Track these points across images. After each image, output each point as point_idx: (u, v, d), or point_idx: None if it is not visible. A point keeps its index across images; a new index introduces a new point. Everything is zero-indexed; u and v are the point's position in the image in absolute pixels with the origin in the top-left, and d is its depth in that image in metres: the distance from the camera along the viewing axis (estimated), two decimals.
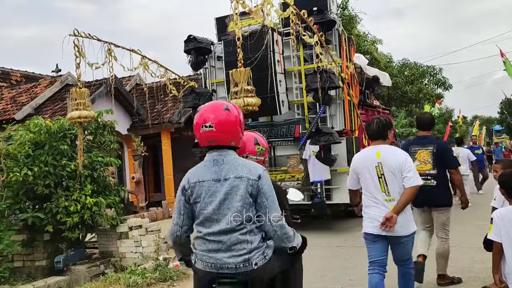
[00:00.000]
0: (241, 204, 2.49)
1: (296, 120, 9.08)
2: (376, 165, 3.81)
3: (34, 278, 6.65)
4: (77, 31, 6.49)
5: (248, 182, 2.51)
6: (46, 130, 7.11)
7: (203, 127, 2.58)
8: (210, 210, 2.52)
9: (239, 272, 2.48)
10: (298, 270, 3.19)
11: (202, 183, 2.60)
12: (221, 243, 2.50)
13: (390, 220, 3.66)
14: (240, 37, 5.69)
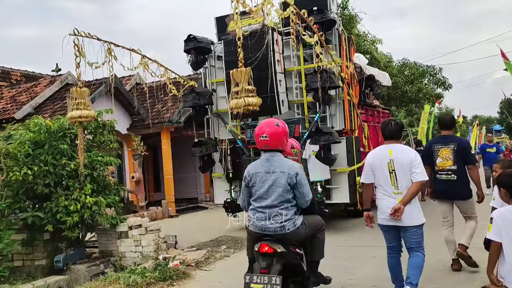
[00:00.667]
0: (282, 190, 3.76)
1: (296, 119, 9.07)
2: (388, 162, 4.28)
3: (34, 278, 6.66)
4: (77, 31, 6.48)
5: (288, 176, 3.77)
6: (46, 129, 7.11)
7: (261, 137, 3.86)
8: (261, 191, 3.82)
9: (276, 233, 3.75)
10: (320, 238, 4.37)
11: (258, 173, 3.88)
12: (266, 214, 3.77)
13: (398, 211, 4.16)
14: (241, 37, 5.69)
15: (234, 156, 9.36)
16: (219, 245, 8.21)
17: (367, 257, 6.57)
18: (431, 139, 6.10)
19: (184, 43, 9.38)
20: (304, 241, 4.05)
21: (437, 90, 25.13)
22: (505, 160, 4.95)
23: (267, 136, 3.84)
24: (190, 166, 16.73)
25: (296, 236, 3.85)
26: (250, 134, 9.45)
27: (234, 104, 5.30)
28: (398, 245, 4.50)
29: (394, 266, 4.48)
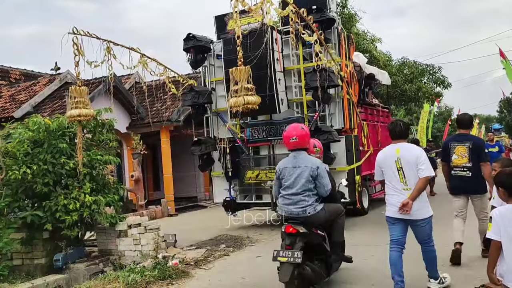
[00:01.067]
0: (305, 181, 4.61)
1: (296, 118, 9.07)
2: (395, 160, 4.55)
3: (33, 276, 6.66)
4: (76, 29, 6.48)
5: (310, 169, 4.62)
6: (45, 128, 7.11)
7: (291, 139, 4.71)
8: (289, 182, 4.67)
9: (299, 216, 4.60)
10: (340, 223, 5.07)
11: (286, 168, 4.75)
12: (291, 200, 4.65)
13: (406, 205, 4.40)
14: (240, 36, 5.69)
15: (233, 155, 9.36)
16: (219, 244, 8.21)
17: (366, 255, 6.57)
18: (448, 137, 6.38)
19: (184, 42, 9.38)
20: (325, 224, 4.86)
21: (437, 89, 25.11)
22: (504, 159, 4.94)
23: (297, 138, 4.70)
24: (189, 165, 16.73)
25: (316, 219, 4.66)
26: (249, 132, 9.45)
27: (233, 102, 5.30)
28: (402, 239, 4.63)
29: (396, 261, 4.57)
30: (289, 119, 9.12)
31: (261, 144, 9.44)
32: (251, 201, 9.68)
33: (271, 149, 9.34)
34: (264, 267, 6.39)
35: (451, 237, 5.87)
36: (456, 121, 6.07)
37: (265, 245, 7.99)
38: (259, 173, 9.22)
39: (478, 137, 7.43)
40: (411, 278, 4.85)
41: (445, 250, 5.86)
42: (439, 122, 35.20)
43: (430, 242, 4.62)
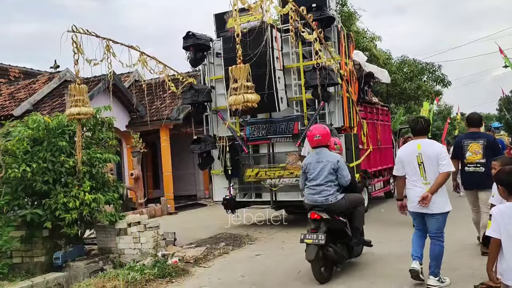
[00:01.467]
0: (327, 173, 5.30)
1: (295, 116, 9.07)
2: (417, 155, 4.76)
3: (33, 274, 6.66)
4: (75, 27, 6.47)
5: (332, 163, 5.32)
6: (44, 126, 7.10)
7: (315, 137, 5.43)
8: (313, 175, 5.38)
9: (323, 204, 5.29)
10: (360, 210, 5.72)
11: (311, 163, 5.47)
12: (316, 190, 5.36)
13: (426, 199, 4.62)
14: (240, 34, 5.68)
15: (233, 153, 9.36)
16: (218, 242, 8.22)
17: (365, 253, 6.58)
18: (460, 135, 6.58)
19: (183, 40, 9.37)
20: (346, 212, 5.50)
21: (436, 87, 25.13)
22: (504, 157, 4.95)
23: (320, 136, 5.43)
24: (189, 163, 16.74)
25: (337, 207, 5.33)
26: (249, 131, 9.45)
27: (233, 100, 5.30)
28: (425, 229, 4.92)
29: (417, 240, 4.91)
30: (288, 117, 9.12)
31: (261, 142, 9.44)
32: (251, 199, 9.68)
33: (270, 147, 9.34)
34: (264, 265, 6.41)
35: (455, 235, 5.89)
36: (467, 120, 6.26)
37: (265, 243, 8.00)
38: (258, 171, 9.22)
39: (489, 134, 7.63)
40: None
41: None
42: (438, 120, 35.16)
43: (441, 237, 4.77)
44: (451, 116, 38.77)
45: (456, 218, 8.52)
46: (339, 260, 5.39)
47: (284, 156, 9.07)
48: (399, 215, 7.36)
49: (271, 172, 9.11)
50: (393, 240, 7.25)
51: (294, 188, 9.02)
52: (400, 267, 5.40)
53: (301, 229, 9.14)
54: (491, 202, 4.27)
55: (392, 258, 6.17)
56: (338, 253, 5.29)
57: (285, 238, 8.18)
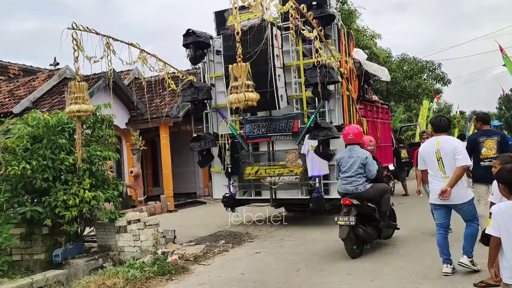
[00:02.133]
0: (357, 167, 6.29)
1: (295, 114, 9.07)
2: (436, 151, 5.14)
3: (33, 272, 6.66)
4: (75, 25, 6.45)
5: (361, 159, 6.31)
6: (44, 123, 7.09)
7: (349, 136, 6.51)
8: (345, 168, 6.39)
9: (353, 192, 6.28)
10: (386, 198, 6.66)
11: (343, 158, 6.50)
12: (347, 181, 6.37)
13: (445, 193, 4.94)
14: (240, 31, 5.66)
15: (232, 151, 9.36)
16: (218, 240, 8.22)
17: (365, 251, 6.59)
18: (474, 133, 6.79)
19: (183, 37, 9.35)
20: (374, 199, 6.47)
21: (436, 85, 25.14)
22: (504, 155, 4.95)
23: (353, 135, 6.54)
24: (188, 161, 16.73)
25: (366, 195, 6.33)
26: (248, 128, 9.44)
27: (233, 99, 5.28)
28: (446, 223, 5.21)
29: (442, 242, 5.18)
30: (288, 115, 9.12)
31: (261, 140, 9.43)
32: (251, 197, 9.69)
33: (270, 145, 9.34)
34: (263, 263, 6.42)
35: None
36: (480, 119, 6.55)
37: (264, 241, 8.01)
38: (258, 169, 9.22)
39: (501, 131, 7.89)
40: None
41: None
42: None
43: (475, 220, 5.14)
44: (450, 114, 38.80)
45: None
46: (368, 239, 6.41)
47: (284, 154, 9.07)
48: (398, 214, 7.43)
49: (271, 170, 9.11)
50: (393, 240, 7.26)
51: (294, 186, 9.03)
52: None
53: (301, 227, 9.20)
54: (490, 200, 4.27)
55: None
56: (367, 233, 6.26)
57: (285, 236, 8.19)
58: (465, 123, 45.48)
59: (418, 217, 8.85)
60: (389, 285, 4.96)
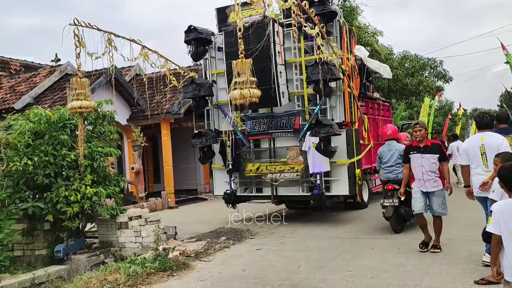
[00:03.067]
0: (396, 158, 7.53)
1: (296, 111, 9.06)
2: (480, 146, 5.35)
3: (34, 267, 6.69)
4: (77, 21, 6.44)
5: (398, 151, 7.52)
6: (46, 119, 7.10)
7: (388, 132, 8.01)
8: (386, 159, 7.73)
9: (394, 179, 7.49)
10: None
11: (384, 151, 7.84)
12: (388, 170, 7.69)
13: (486, 184, 5.07)
14: (242, 28, 5.65)
15: (234, 147, 9.36)
16: (219, 236, 8.24)
17: (366, 249, 6.61)
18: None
19: (185, 34, 9.33)
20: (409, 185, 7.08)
21: (438, 82, 25.08)
22: (506, 153, 4.95)
23: (391, 132, 7.98)
24: (189, 157, 16.74)
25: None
26: (250, 125, 9.44)
27: (238, 95, 5.27)
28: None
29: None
30: (290, 112, 9.12)
31: (262, 137, 9.43)
32: (252, 194, 9.70)
33: (271, 142, 9.34)
34: (264, 259, 6.43)
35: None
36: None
37: (265, 237, 8.02)
38: (259, 166, 9.23)
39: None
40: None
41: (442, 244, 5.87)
42: (439, 116, 35.11)
43: None
44: (452, 112, 38.72)
45: (456, 213, 8.55)
46: (407, 218, 7.54)
47: (285, 151, 9.07)
48: None
49: (272, 167, 9.12)
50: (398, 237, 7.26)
51: (295, 183, 9.03)
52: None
53: (302, 223, 9.21)
54: (491, 197, 4.28)
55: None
56: (406, 212, 7.30)
57: (286, 233, 8.21)
58: (466, 120, 45.44)
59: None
60: (390, 282, 4.97)
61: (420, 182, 6.19)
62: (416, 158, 6.21)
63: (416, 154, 6.21)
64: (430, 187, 6.11)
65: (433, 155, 6.11)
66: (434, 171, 6.11)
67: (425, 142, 6.23)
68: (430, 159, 6.11)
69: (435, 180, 6.11)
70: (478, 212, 5.87)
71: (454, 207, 9.80)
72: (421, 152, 6.16)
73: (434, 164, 6.11)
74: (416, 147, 6.27)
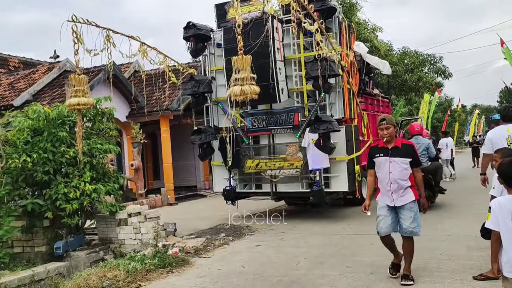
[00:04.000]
0: (422, 149, 9.07)
1: (296, 108, 9.05)
2: (506, 137, 5.49)
3: (34, 264, 6.69)
4: (75, 17, 6.42)
5: (424, 144, 9.28)
6: (44, 116, 7.09)
7: (416, 128, 9.69)
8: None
9: (422, 166, 5.89)
10: (439, 172, 9.93)
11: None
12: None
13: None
14: (241, 24, 5.63)
15: (233, 144, 9.35)
16: (218, 233, 8.25)
17: (365, 245, 6.61)
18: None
19: (184, 30, 9.31)
20: (432, 172, 9.26)
21: (437, 79, 25.07)
22: (505, 148, 4.95)
23: (418, 128, 9.58)
24: (189, 154, 16.74)
25: (427, 168, 8.87)
26: (249, 122, 9.43)
27: (238, 91, 5.24)
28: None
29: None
30: (289, 108, 9.10)
31: (261, 133, 9.43)
32: (251, 190, 9.70)
33: (271, 138, 9.33)
34: (264, 256, 6.44)
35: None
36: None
37: (265, 234, 8.03)
38: (259, 162, 9.23)
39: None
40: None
41: (439, 240, 5.86)
42: (439, 112, 35.13)
43: None
44: (451, 108, 38.71)
45: (454, 210, 8.54)
46: (431, 199, 9.04)
47: (285, 147, 9.07)
48: None
49: (271, 163, 9.12)
50: None
51: (294, 179, 9.03)
52: None
53: (301, 220, 9.21)
54: (491, 193, 4.28)
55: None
56: (434, 193, 9.36)
57: (285, 229, 8.22)
58: (465, 117, 45.43)
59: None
60: (389, 278, 4.97)
61: (387, 194, 4.85)
62: (382, 162, 4.85)
63: (382, 158, 4.86)
64: (399, 201, 4.78)
65: (405, 159, 4.78)
66: (405, 179, 4.78)
67: (394, 143, 4.87)
68: (400, 164, 4.76)
69: (405, 191, 4.77)
70: (476, 207, 5.88)
71: (453, 202, 9.80)
72: (389, 155, 4.82)
73: (406, 170, 4.78)
74: (382, 148, 4.91)
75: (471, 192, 10.83)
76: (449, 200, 10.01)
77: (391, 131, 4.86)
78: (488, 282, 4.48)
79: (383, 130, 4.89)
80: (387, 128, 4.87)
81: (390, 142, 4.87)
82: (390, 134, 4.85)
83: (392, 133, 4.89)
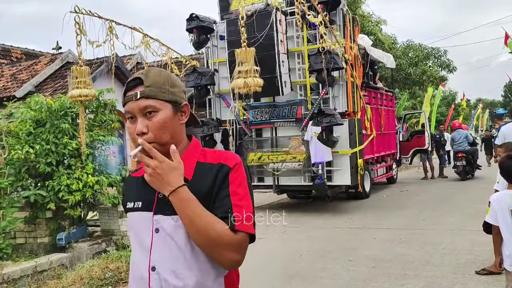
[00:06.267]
0: (463, 138, 13.07)
1: (299, 101, 9.02)
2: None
3: (37, 255, 6.72)
4: (78, 8, 6.39)
5: (465, 134, 13.33)
6: (47, 108, 7.07)
7: (457, 123, 14.20)
8: (457, 139, 13.31)
9: (462, 150, 12.90)
10: (476, 153, 13.43)
11: (455, 135, 13.57)
12: (458, 145, 13.10)
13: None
14: (244, 16, 5.59)
15: (236, 137, 9.34)
16: None
17: (367, 238, 6.61)
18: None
19: (187, 22, 9.26)
20: (471, 153, 12.76)
21: (442, 72, 24.92)
22: (508, 143, 4.91)
23: (458, 124, 13.71)
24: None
25: (468, 151, 12.68)
26: (252, 114, 9.40)
27: (241, 83, 5.22)
28: None
29: None
30: (292, 101, 9.07)
31: (264, 126, 9.41)
32: (253, 183, 9.69)
33: (273, 131, 9.31)
34: (266, 249, 6.45)
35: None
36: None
37: (266, 227, 8.03)
38: (261, 155, 9.21)
39: None
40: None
41: (440, 235, 5.85)
42: (443, 106, 34.98)
43: None
44: (455, 102, 38.54)
45: (456, 204, 8.53)
46: (470, 172, 12.85)
47: (287, 141, 9.05)
48: (401, 201, 7.47)
49: (274, 156, 9.10)
50: (394, 227, 7.26)
51: (297, 172, 9.02)
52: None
53: (303, 213, 9.22)
54: (495, 188, 4.25)
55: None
56: (473, 169, 12.75)
57: (287, 222, 8.22)
58: (469, 111, 45.25)
59: (420, 205, 8.86)
60: (391, 271, 4.98)
61: None
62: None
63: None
64: None
65: None
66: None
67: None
68: None
69: None
70: (479, 202, 5.86)
71: (456, 197, 9.78)
72: None
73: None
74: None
75: (472, 187, 10.80)
76: (449, 193, 9.98)
77: None
78: (491, 277, 4.46)
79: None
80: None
81: None
82: None
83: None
